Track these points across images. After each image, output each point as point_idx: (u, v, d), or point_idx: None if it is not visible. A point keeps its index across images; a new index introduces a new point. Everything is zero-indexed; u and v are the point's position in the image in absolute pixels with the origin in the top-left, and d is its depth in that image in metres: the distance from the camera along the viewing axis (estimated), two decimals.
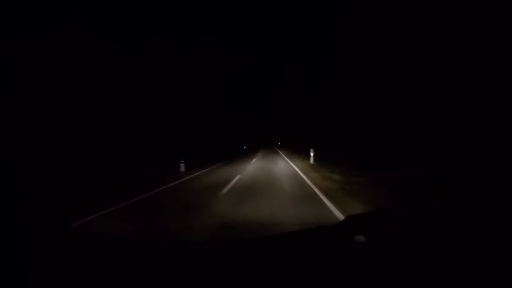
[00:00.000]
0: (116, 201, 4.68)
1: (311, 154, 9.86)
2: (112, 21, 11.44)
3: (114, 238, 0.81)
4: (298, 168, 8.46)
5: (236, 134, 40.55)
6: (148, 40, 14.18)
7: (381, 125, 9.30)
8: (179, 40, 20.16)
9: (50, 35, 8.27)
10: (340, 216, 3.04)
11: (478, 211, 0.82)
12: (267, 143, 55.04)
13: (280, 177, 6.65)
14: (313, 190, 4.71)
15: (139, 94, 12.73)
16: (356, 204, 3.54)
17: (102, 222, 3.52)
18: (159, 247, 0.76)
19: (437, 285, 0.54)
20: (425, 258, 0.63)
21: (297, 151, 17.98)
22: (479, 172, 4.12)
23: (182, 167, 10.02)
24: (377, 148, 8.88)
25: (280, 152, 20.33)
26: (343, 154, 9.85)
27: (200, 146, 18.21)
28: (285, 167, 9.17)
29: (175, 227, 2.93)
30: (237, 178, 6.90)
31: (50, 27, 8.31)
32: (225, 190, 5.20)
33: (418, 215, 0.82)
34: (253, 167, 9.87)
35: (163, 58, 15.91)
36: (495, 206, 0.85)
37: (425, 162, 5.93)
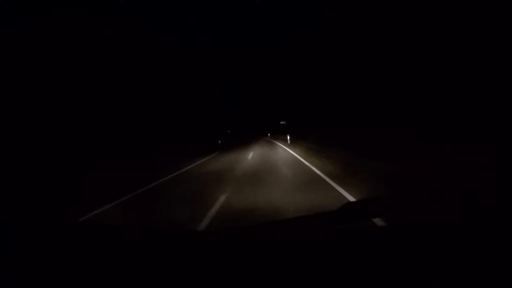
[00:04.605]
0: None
1: (288, 137, 15.93)
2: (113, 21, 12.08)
3: (116, 232, 0.79)
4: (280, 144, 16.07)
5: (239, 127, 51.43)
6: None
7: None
8: (179, 40, 23.11)
9: (55, 32, 8.39)
10: (286, 152, 8.54)
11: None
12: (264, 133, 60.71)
13: (270, 148, 13.34)
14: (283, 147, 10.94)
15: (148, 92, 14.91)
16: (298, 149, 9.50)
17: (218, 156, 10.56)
18: (160, 238, 0.74)
19: (441, 274, 0.52)
20: (424, 245, 0.62)
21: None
22: None
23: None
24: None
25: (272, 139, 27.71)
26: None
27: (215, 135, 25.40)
28: (272, 144, 17.16)
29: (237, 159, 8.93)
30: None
31: (56, 23, 8.43)
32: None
33: (417, 202, 0.82)
34: (257, 144, 19.18)
35: (164, 58, 17.99)
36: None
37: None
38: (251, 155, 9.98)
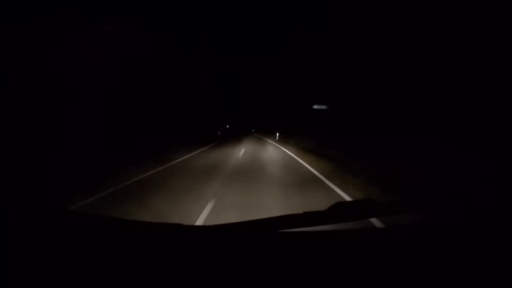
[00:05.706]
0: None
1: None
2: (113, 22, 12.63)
3: (110, 220, 0.78)
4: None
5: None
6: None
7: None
8: (179, 40, 22.15)
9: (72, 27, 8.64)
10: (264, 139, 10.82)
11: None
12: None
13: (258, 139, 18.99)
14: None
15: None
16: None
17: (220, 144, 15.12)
18: (152, 231, 0.73)
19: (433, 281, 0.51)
20: (421, 246, 0.62)
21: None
22: None
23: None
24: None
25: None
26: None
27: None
28: (259, 138, 22.97)
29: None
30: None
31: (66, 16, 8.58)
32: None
33: (407, 205, 0.82)
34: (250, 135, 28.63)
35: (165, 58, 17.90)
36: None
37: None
38: None
